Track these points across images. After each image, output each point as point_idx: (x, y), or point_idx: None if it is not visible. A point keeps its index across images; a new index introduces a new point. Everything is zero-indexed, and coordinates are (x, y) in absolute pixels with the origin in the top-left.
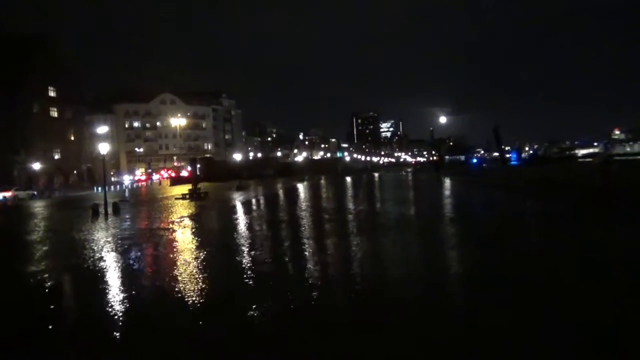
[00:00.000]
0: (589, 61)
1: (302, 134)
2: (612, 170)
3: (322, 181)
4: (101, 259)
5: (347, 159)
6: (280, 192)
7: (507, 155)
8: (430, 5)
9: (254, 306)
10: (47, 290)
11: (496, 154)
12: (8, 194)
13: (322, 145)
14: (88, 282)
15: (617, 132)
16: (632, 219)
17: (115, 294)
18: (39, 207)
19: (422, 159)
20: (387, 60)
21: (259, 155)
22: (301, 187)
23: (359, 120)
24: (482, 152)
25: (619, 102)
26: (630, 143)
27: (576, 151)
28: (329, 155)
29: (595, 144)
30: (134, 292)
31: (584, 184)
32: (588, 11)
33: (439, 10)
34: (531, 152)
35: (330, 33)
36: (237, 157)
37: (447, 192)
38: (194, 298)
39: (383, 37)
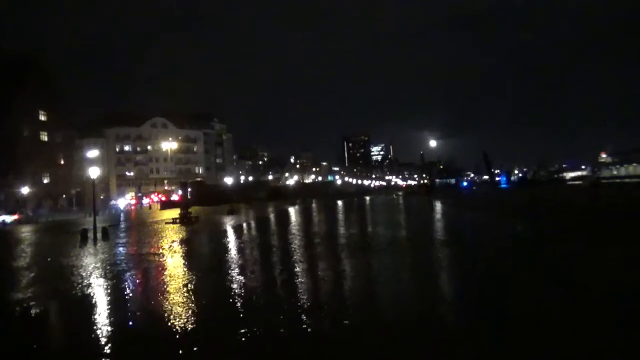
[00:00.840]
0: (577, 86)
1: (293, 157)
2: (600, 193)
3: (314, 205)
4: (88, 285)
5: (339, 182)
6: (272, 216)
7: (497, 179)
8: (421, 30)
9: (242, 337)
10: (31, 319)
11: (486, 177)
12: (14, 217)
13: (314, 169)
14: (73, 310)
15: (604, 155)
16: (619, 241)
17: (101, 323)
18: (26, 231)
19: (412, 182)
20: (378, 84)
21: (250, 178)
22: (292, 211)
23: (350, 144)
24: (472, 175)
25: (605, 126)
26: (617, 166)
27: (564, 174)
28: (320, 178)
29: (583, 167)
30: (121, 321)
31: (574, 207)
32: (575, 39)
33: (429, 34)
34: (520, 175)
35: (321, 57)
36: (229, 180)
37: (438, 216)
38: (182, 326)
39: (373, 61)
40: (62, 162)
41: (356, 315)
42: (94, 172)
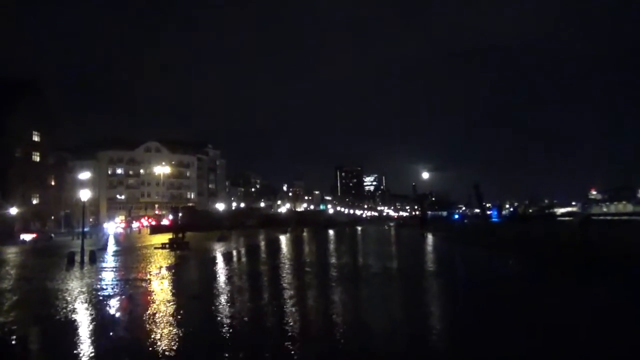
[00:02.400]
0: (569, 123)
1: (286, 185)
2: (590, 231)
3: (305, 234)
4: (73, 310)
5: (331, 211)
6: (262, 243)
7: (488, 212)
8: (414, 64)
9: None
10: (13, 343)
11: (477, 210)
12: (32, 236)
13: (306, 197)
14: (56, 335)
15: (594, 192)
16: (604, 280)
17: (83, 349)
18: (11, 253)
19: (404, 214)
20: (372, 115)
21: (242, 205)
22: (283, 240)
23: (343, 174)
24: (464, 208)
25: (596, 163)
26: (607, 203)
27: (555, 209)
28: (312, 207)
29: (573, 203)
30: (103, 348)
31: (564, 244)
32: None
33: (423, 68)
34: (511, 209)
35: (315, 87)
36: (220, 206)
37: (429, 249)
38: (165, 354)
39: (367, 93)
40: (53, 183)
41: (336, 345)
42: (84, 195)
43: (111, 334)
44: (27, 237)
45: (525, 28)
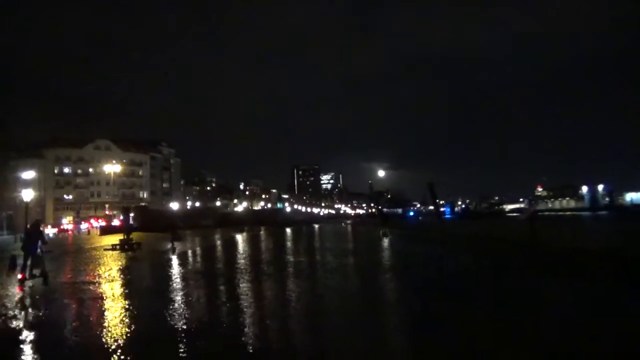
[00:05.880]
0: (518, 126)
1: (242, 184)
2: (537, 226)
3: (262, 232)
4: (14, 317)
5: (288, 209)
6: (218, 243)
7: (442, 209)
8: (373, 68)
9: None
10: None
11: (431, 207)
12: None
13: (263, 196)
14: None
15: (540, 189)
16: (550, 275)
17: (26, 356)
18: None
19: (361, 212)
20: (328, 116)
21: (198, 204)
22: (240, 238)
23: (300, 172)
24: (419, 205)
25: (541, 161)
26: (552, 200)
27: (504, 206)
28: (269, 205)
29: (521, 199)
30: (47, 354)
31: (514, 240)
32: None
33: (380, 71)
34: (463, 206)
35: (273, 87)
36: (175, 206)
37: (385, 246)
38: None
39: (324, 94)
40: None
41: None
42: (27, 195)
43: (56, 341)
44: None
45: (476, 37)
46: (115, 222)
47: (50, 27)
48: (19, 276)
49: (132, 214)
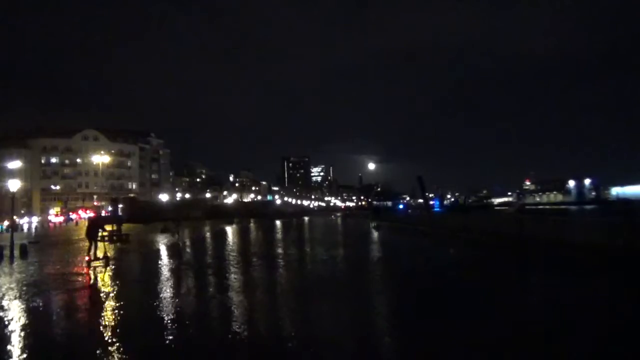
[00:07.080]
0: (505, 121)
1: (232, 175)
2: (524, 220)
3: (252, 224)
4: (1, 308)
5: (278, 202)
6: (207, 234)
7: (431, 202)
8: (363, 60)
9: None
10: None
11: (421, 200)
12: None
13: (253, 188)
14: None
15: (528, 183)
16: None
17: (14, 347)
18: None
19: (351, 204)
20: (318, 108)
21: (187, 196)
22: (230, 230)
23: (290, 164)
24: (408, 198)
25: (529, 155)
26: (539, 194)
27: (492, 199)
28: (259, 198)
29: (509, 193)
30: (35, 346)
31: (502, 233)
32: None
33: (371, 65)
34: (452, 199)
35: (262, 79)
36: (164, 197)
37: (374, 238)
38: (97, 352)
39: (315, 86)
40: None
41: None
42: (13, 185)
43: (46, 331)
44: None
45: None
46: (104, 213)
47: (36, 16)
48: (86, 258)
49: (120, 205)
